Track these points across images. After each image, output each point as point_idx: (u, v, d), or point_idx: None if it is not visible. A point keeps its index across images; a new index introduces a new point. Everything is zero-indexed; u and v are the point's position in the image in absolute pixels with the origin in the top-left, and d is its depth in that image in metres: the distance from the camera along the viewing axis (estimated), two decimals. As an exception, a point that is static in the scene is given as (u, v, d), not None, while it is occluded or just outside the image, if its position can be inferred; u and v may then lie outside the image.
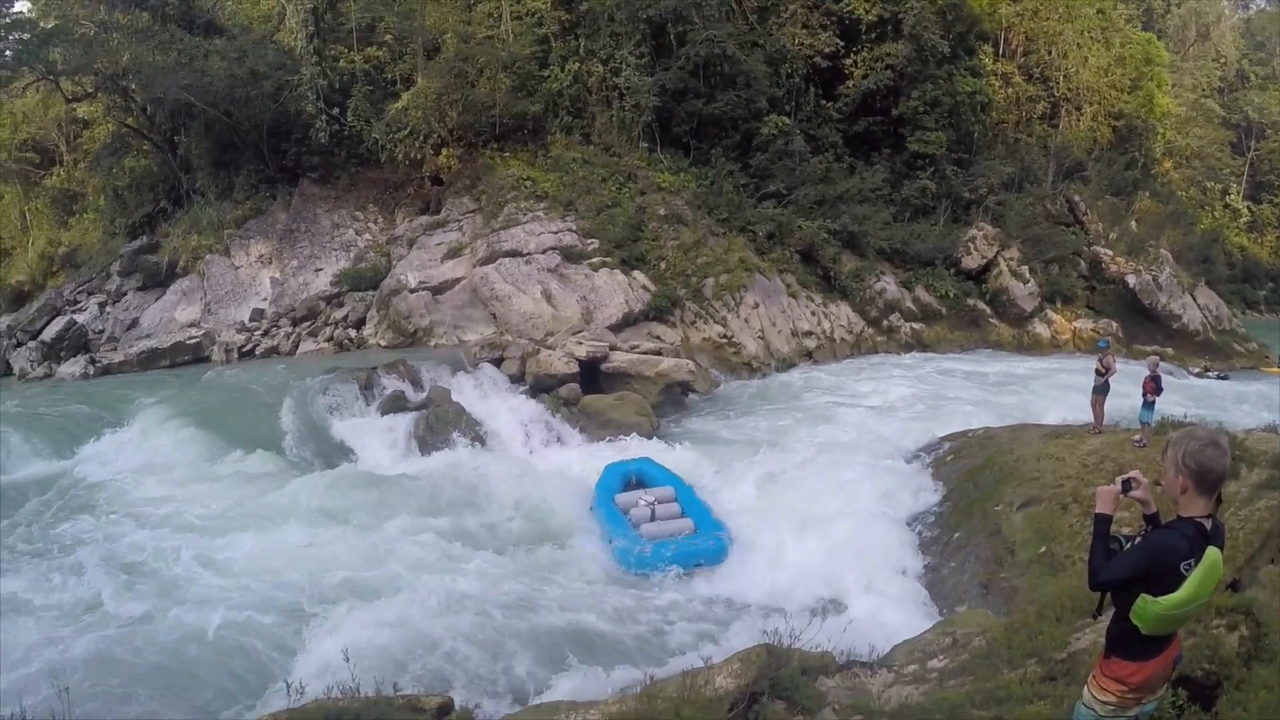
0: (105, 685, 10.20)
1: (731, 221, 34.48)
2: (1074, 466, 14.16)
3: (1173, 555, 4.15)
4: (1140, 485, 4.39)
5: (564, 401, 23.58)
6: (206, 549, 14.96)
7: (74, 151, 46.03)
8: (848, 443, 20.16)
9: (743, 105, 36.91)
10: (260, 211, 36.17)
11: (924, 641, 9.35)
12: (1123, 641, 4.41)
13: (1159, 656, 4.42)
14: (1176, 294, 37.96)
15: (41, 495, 17.84)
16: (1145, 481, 4.42)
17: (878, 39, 39.65)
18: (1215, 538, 4.18)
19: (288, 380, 23.80)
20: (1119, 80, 47.81)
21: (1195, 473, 4.14)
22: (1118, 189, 45.14)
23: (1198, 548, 4.14)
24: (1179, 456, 4.18)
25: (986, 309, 36.82)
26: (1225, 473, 4.19)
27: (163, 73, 34.08)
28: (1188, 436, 4.26)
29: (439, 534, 15.70)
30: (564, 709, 7.88)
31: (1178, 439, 4.29)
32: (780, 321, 31.46)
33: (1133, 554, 4.29)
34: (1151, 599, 4.17)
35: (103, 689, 10.10)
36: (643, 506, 16.19)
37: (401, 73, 36.29)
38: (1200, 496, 4.18)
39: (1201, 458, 4.12)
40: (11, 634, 11.70)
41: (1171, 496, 4.31)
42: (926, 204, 39.01)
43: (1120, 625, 4.39)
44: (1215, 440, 4.18)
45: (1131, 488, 4.40)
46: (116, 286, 36.08)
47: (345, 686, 8.02)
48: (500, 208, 32.80)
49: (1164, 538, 4.23)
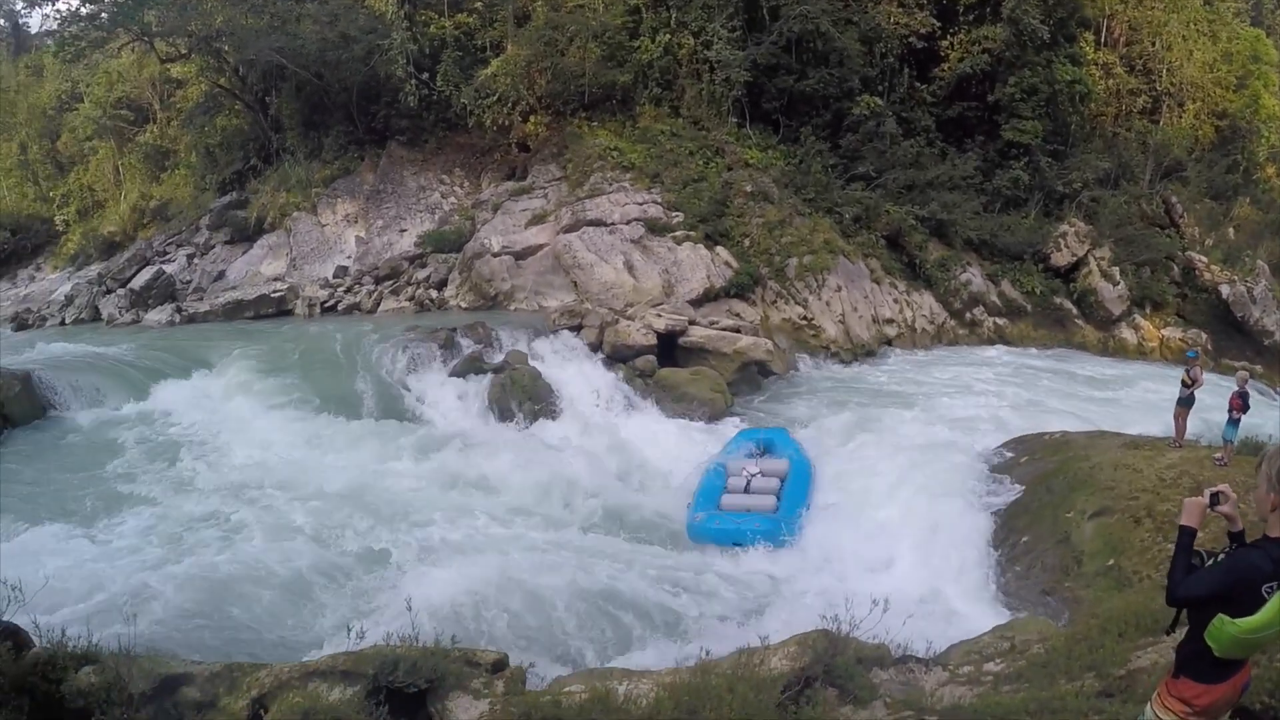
0: (171, 618, 10.54)
1: (818, 202, 34.01)
2: (1151, 479, 13.73)
3: (1255, 575, 3.99)
4: (1229, 500, 4.22)
5: (639, 373, 23.57)
6: (277, 496, 15.42)
7: (167, 110, 47.05)
8: (923, 434, 19.89)
9: (834, 84, 36.35)
10: (348, 172, 36.72)
11: (981, 644, 9.19)
12: (1193, 662, 4.26)
13: (1228, 681, 4.27)
14: (1271, 308, 36.46)
15: (124, 436, 18.44)
16: (1234, 497, 4.24)
17: (976, 21, 38.70)
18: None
19: (368, 336, 24.11)
20: (1224, 77, 46.24)
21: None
22: (1217, 192, 43.56)
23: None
24: (1274, 472, 4.02)
25: (1073, 309, 35.87)
26: None
27: (255, 35, 34.72)
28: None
29: (509, 496, 15.95)
30: (617, 675, 7.91)
31: (1274, 454, 4.13)
32: (862, 307, 31.07)
33: (1214, 571, 4.13)
34: (1229, 620, 4.02)
35: (169, 621, 10.43)
36: (743, 476, 16.39)
37: (491, 39, 36.43)
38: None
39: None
40: (83, 564, 12.07)
41: (1261, 514, 4.15)
42: (1018, 195, 38.09)
43: (1193, 645, 4.24)
44: None
45: (1219, 502, 4.23)
46: (205, 240, 36.85)
47: (404, 635, 8.11)
48: (586, 176, 32.80)
49: (1248, 557, 4.08)
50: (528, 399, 21.28)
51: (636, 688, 7.38)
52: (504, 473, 16.91)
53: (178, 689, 7.35)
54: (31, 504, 14.63)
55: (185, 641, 9.90)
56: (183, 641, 9.86)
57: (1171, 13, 44.20)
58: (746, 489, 16.14)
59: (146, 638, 8.16)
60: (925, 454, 17.89)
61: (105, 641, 7.47)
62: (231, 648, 10.13)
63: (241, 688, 7.41)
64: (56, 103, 51.47)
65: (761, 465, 16.82)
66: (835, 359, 28.89)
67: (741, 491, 16.12)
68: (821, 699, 7.12)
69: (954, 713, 6.86)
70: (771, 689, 7.01)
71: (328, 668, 7.54)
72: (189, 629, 10.39)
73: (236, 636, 10.52)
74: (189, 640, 10.03)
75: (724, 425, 21.26)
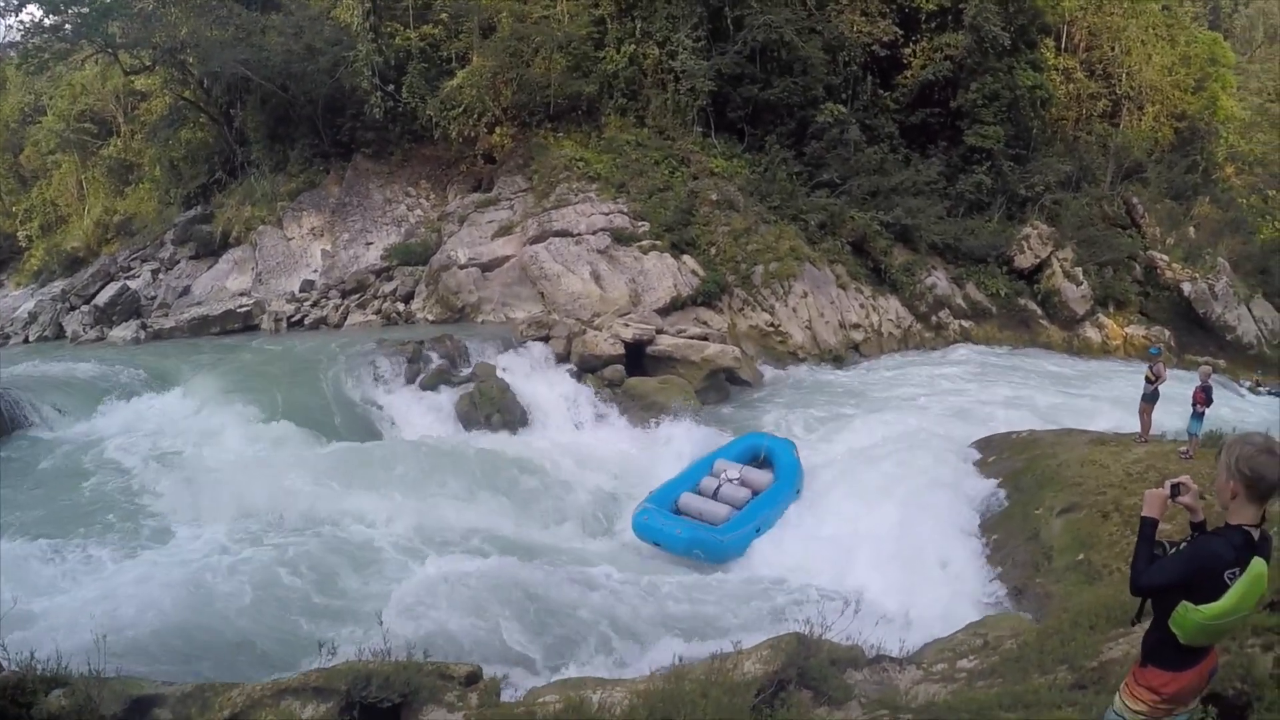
0: (142, 639, 10.46)
1: (783, 209, 34.18)
2: (1117, 475, 13.97)
3: (1217, 562, 4.07)
4: (1189, 491, 4.32)
5: (608, 382, 23.60)
6: (245, 512, 15.29)
7: (131, 123, 46.56)
8: (890, 438, 20.01)
9: (799, 92, 36.52)
10: (313, 185, 36.56)
11: (955, 641, 9.32)
12: (1159, 650, 4.33)
13: (1195, 668, 4.34)
14: (1232, 304, 37.06)
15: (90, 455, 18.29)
16: (1195, 488, 4.34)
17: (938, 28, 39.03)
18: (1262, 548, 4.09)
19: (335, 350, 24.05)
20: (1183, 80, 46.80)
21: (1247, 479, 4.05)
22: (1177, 193, 44.09)
23: (1243, 557, 4.07)
24: (1232, 461, 4.11)
25: (1037, 310, 36.24)
26: (1278, 482, 4.07)
27: (220, 47, 34.52)
28: (1243, 441, 4.18)
29: (477, 507, 15.93)
30: (590, 684, 7.95)
31: (1232, 443, 4.22)
32: (828, 312, 31.22)
33: (1176, 559, 4.22)
34: (1192, 607, 4.09)
35: (139, 642, 10.34)
36: (720, 478, 16.33)
37: (457, 51, 36.33)
38: (1250, 504, 4.10)
39: (1255, 464, 4.04)
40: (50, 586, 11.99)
41: (1221, 502, 4.24)
42: (981, 199, 38.40)
43: (1158, 633, 4.32)
44: (1271, 448, 4.08)
45: (1180, 493, 4.33)
46: (170, 254, 36.60)
47: (376, 650, 8.21)
48: (552, 187, 32.79)
49: (1209, 544, 4.16)
50: (496, 411, 21.29)
51: (610, 696, 7.42)
52: (469, 483, 16.91)
53: (149, 710, 7.35)
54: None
55: (156, 662, 9.87)
56: (153, 662, 9.82)
57: (1130, 18, 44.71)
58: (715, 493, 16.03)
59: (116, 659, 8.11)
60: (891, 457, 18.00)
61: (75, 664, 7.45)
62: (203, 668, 10.09)
63: (214, 707, 7.41)
64: (19, 116, 50.84)
65: (744, 473, 16.60)
66: (803, 365, 29.01)
67: (710, 495, 16.01)
68: (796, 701, 7.18)
69: (929, 710, 6.93)
70: (745, 693, 7.05)
71: (300, 685, 7.56)
72: (159, 650, 10.33)
73: (207, 656, 10.48)
74: (160, 661, 9.99)
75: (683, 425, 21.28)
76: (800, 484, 16.71)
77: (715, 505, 15.68)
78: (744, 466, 16.91)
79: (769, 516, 15.44)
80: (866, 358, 30.89)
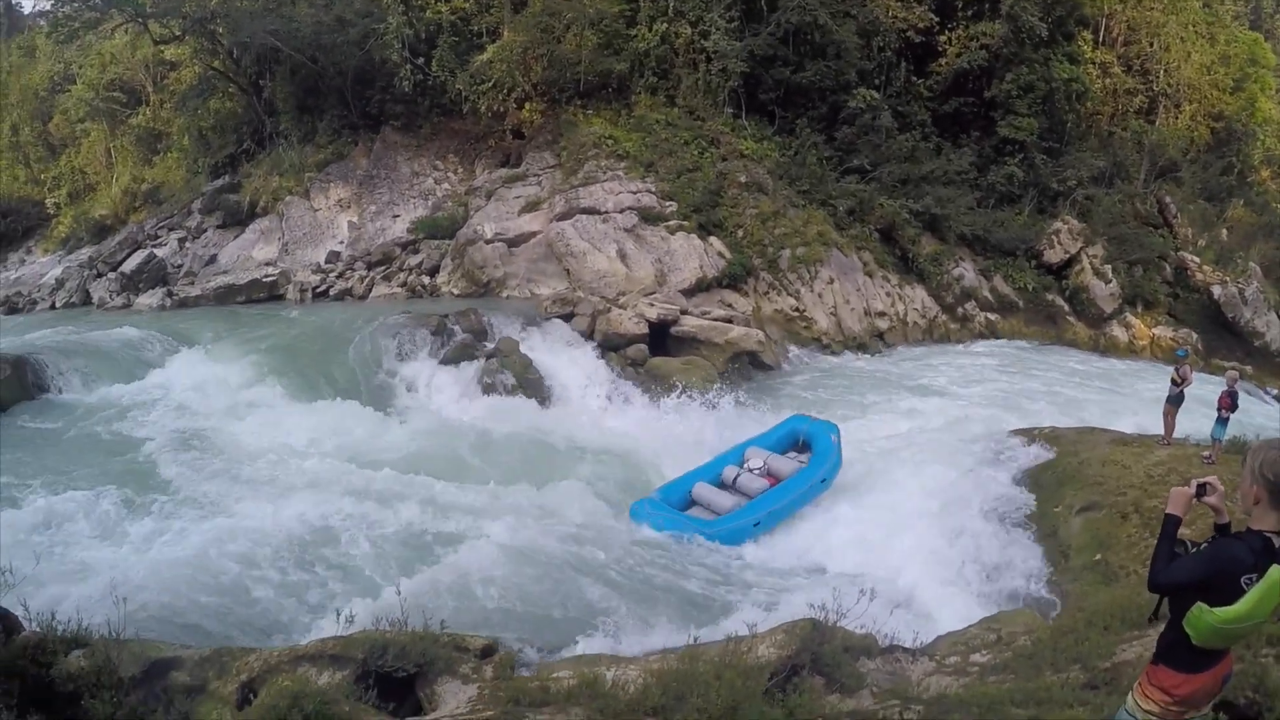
0: (162, 601, 10.46)
1: (812, 194, 34.06)
2: (1139, 476, 13.86)
3: (1235, 566, 4.03)
4: (1215, 491, 4.27)
5: (631, 361, 23.58)
6: (268, 479, 15.40)
7: (160, 92, 46.82)
8: (912, 429, 19.99)
9: (831, 76, 36.39)
10: (341, 156, 36.60)
11: (968, 635, 9.30)
12: (1173, 651, 4.30)
13: (1208, 671, 4.30)
14: (1262, 310, 36.70)
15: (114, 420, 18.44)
16: (1221, 489, 4.29)
17: (974, 17, 38.74)
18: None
19: (360, 321, 24.10)
20: (1221, 80, 46.36)
21: (1271, 484, 4.01)
22: (1211, 194, 43.79)
23: (1262, 563, 4.00)
24: (1257, 465, 4.06)
25: (1065, 306, 36.00)
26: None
27: (250, 17, 34.61)
28: (1268, 446, 4.13)
29: (498, 482, 15.93)
30: (605, 661, 7.98)
31: (1258, 447, 4.18)
32: (854, 299, 31.10)
33: (1195, 559, 4.18)
34: (1207, 609, 4.06)
35: (159, 605, 10.35)
36: (737, 468, 16.12)
37: (487, 25, 36.20)
38: (1273, 510, 4.05)
39: (1279, 469, 3.98)
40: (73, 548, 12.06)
41: (1244, 507, 4.18)
42: (1012, 192, 38.20)
43: (1172, 633, 4.28)
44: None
45: (1206, 493, 4.27)
46: (197, 223, 36.75)
47: (394, 620, 8.17)
48: (580, 164, 32.71)
49: (1229, 547, 4.11)
50: (519, 386, 21.27)
51: (624, 674, 7.43)
52: (490, 458, 16.94)
53: (167, 673, 7.37)
54: (20, 488, 14.52)
55: (174, 626, 9.89)
56: (172, 626, 9.85)
57: (1170, 14, 44.30)
58: (733, 483, 15.84)
59: (136, 622, 8.14)
60: (912, 448, 18.05)
61: (95, 625, 7.44)
62: (221, 632, 10.11)
63: (231, 672, 7.44)
64: (49, 84, 51.18)
65: (770, 461, 16.29)
66: (827, 351, 28.97)
67: (729, 484, 15.84)
68: (808, 687, 7.14)
69: (940, 702, 6.89)
70: (759, 676, 7.05)
71: (317, 652, 7.58)
72: (178, 613, 10.34)
73: (226, 621, 10.49)
74: (178, 625, 10.01)
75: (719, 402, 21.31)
76: (833, 472, 16.26)
77: (724, 496, 15.50)
78: (773, 455, 16.59)
79: (780, 509, 15.10)
80: (891, 346, 30.77)
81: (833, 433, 17.00)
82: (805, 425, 17.67)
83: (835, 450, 16.59)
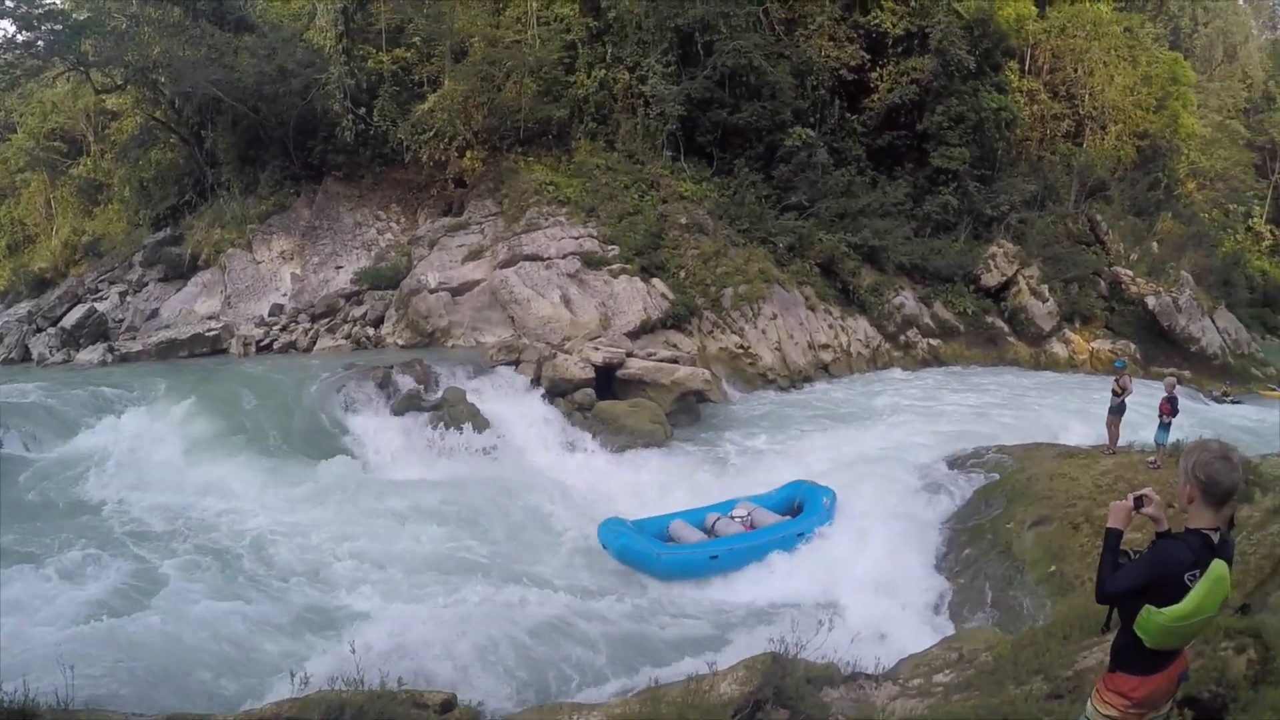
0: (110, 668, 10.23)
1: (752, 232, 34.48)
2: (1087, 486, 14.21)
3: (1177, 566, 4.20)
4: (1153, 502, 4.45)
5: (578, 406, 23.56)
6: (214, 542, 15.10)
7: (101, 142, 46.33)
8: (863, 456, 20.19)
9: (767, 116, 36.91)
10: (284, 207, 36.37)
11: (930, 656, 9.40)
12: (1127, 655, 4.44)
13: (1162, 672, 4.43)
14: (1196, 316, 37.78)
15: (55, 480, 17.86)
16: (1158, 499, 4.47)
17: (904, 53, 39.62)
18: (1222, 551, 4.22)
19: (304, 375, 23.88)
20: (1144, 100, 47.59)
21: (1203, 484, 4.20)
22: (1140, 209, 45.02)
23: (1203, 559, 4.19)
24: (1189, 466, 4.26)
25: (1005, 327, 36.75)
26: (1234, 487, 4.23)
27: (192, 67, 34.35)
28: (1200, 448, 4.33)
29: (448, 533, 15.84)
30: (566, 710, 7.96)
31: (1190, 449, 4.38)
32: (798, 334, 31.44)
33: (1138, 565, 4.34)
34: (1155, 610, 4.21)
35: (108, 672, 10.12)
36: (720, 515, 16.14)
37: (428, 74, 36.39)
38: (1207, 508, 4.24)
39: (1211, 470, 4.19)
40: (18, 616, 11.76)
41: (1180, 506, 4.39)
42: (948, 220, 38.94)
43: (1125, 638, 4.43)
44: (1226, 454, 4.25)
45: (1144, 504, 4.46)
46: (138, 277, 36.38)
47: (350, 679, 8.10)
48: (522, 211, 32.87)
49: (1168, 548, 4.28)
50: (467, 435, 21.16)
51: (586, 721, 7.45)
52: (439, 509, 16.83)
53: (121, 744, 7.27)
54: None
55: (125, 694, 9.71)
56: (122, 694, 9.68)
57: (1093, 40, 45.42)
58: (711, 527, 15.89)
59: (85, 691, 8.04)
60: (863, 475, 18.22)
61: (42, 697, 7.33)
62: (172, 699, 9.92)
63: (185, 739, 7.34)
64: (-11, 133, 50.61)
65: (755, 514, 16.14)
66: (773, 386, 29.22)
67: (708, 529, 15.88)
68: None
69: (906, 725, 7.01)
70: (722, 714, 7.09)
71: (273, 715, 7.54)
72: (128, 681, 10.13)
73: (178, 687, 10.28)
74: (129, 693, 9.81)
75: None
76: (811, 528, 15.64)
77: (696, 534, 15.67)
78: (762, 509, 16.40)
79: (741, 550, 14.99)
80: (836, 377, 31.12)
81: (826, 496, 16.71)
82: (803, 488, 17.35)
83: (825, 511, 16.21)
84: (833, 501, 16.49)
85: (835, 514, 16.09)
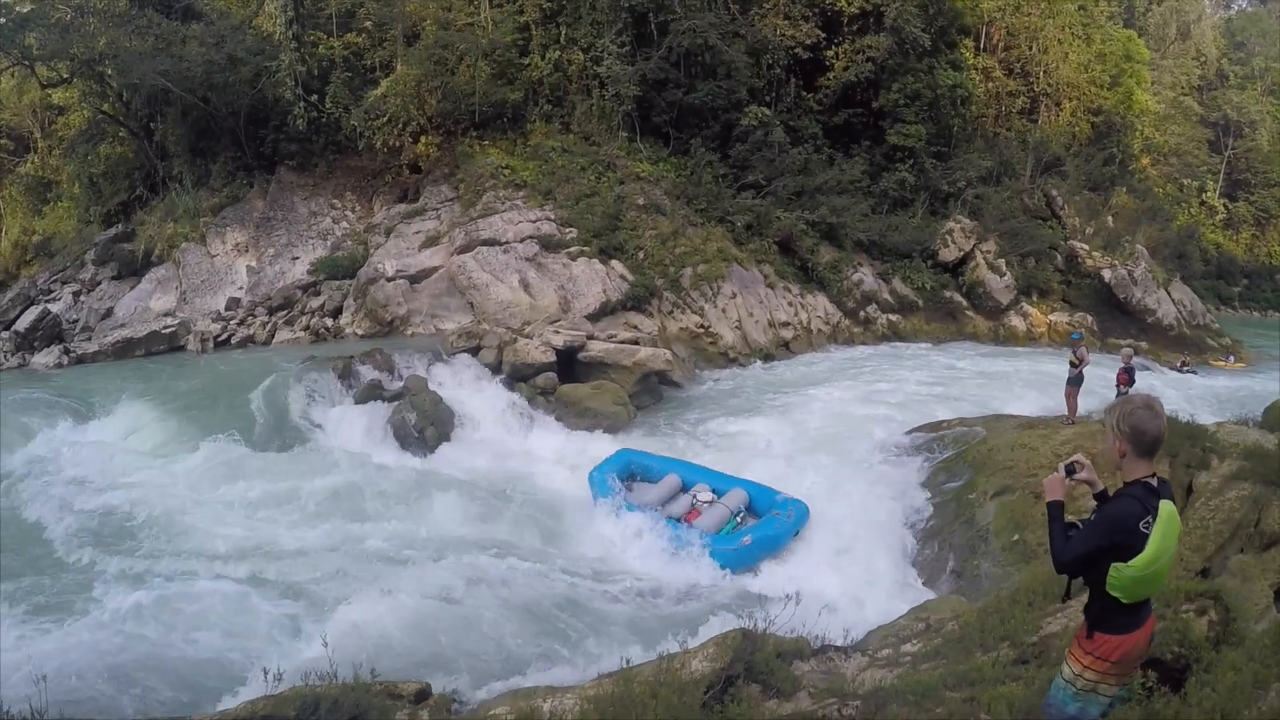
0: (81, 675, 10.06)
1: (710, 212, 34.49)
2: (1047, 456, 14.34)
3: (1130, 519, 4.29)
4: (1084, 468, 4.61)
5: (540, 390, 23.48)
6: (178, 542, 14.88)
7: (48, 138, 45.39)
8: (824, 433, 20.28)
9: (723, 95, 36.96)
10: (237, 199, 35.87)
11: (898, 627, 9.49)
12: (1105, 617, 4.50)
13: (1141, 628, 4.52)
14: (1151, 289, 38.36)
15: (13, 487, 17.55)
16: (1088, 463, 4.62)
17: (859, 31, 39.72)
18: (1164, 491, 4.34)
19: (264, 369, 23.60)
20: (1099, 77, 48.16)
21: (1130, 435, 4.32)
22: (1095, 184, 45.54)
23: (1151, 505, 4.28)
24: (1115, 421, 4.40)
25: (963, 301, 37.10)
26: (1161, 435, 4.37)
27: (139, 58, 33.72)
28: (1124, 401, 4.49)
29: (415, 521, 15.77)
30: (541, 693, 7.92)
31: (1113, 406, 4.58)
32: (757, 312, 31.51)
33: (1090, 529, 4.42)
34: (1123, 565, 4.28)
35: (78, 679, 9.95)
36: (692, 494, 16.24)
37: (381, 60, 36.08)
38: (1140, 459, 4.36)
39: (1135, 420, 4.31)
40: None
41: (1113, 463, 4.48)
42: (905, 196, 39.24)
43: (1100, 602, 4.49)
44: (1149, 404, 4.38)
45: (1076, 470, 4.61)
46: (91, 275, 35.81)
47: (323, 673, 7.99)
48: (479, 196, 32.69)
49: (1116, 505, 4.39)
50: (429, 423, 21.05)
51: (561, 704, 7.42)
52: (404, 497, 16.75)
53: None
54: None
55: (98, 700, 9.61)
56: (95, 700, 9.57)
57: (1048, 18, 45.91)
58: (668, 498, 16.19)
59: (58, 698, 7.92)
60: (826, 449, 18.41)
61: (15, 707, 7.24)
62: (143, 704, 9.80)
63: (159, 742, 7.27)
64: (-69, 131, 49.59)
65: (714, 500, 15.84)
66: (734, 364, 29.29)
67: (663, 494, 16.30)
68: (745, 696, 7.20)
69: (876, 695, 7.01)
70: (694, 691, 7.07)
71: (247, 714, 7.45)
72: (98, 690, 10.02)
73: (149, 691, 10.16)
74: (101, 699, 9.70)
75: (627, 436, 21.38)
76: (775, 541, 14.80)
77: (655, 491, 16.35)
78: (719, 498, 15.93)
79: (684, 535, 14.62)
80: (797, 354, 31.27)
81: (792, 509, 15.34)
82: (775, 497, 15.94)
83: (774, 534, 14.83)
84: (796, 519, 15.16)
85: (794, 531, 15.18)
